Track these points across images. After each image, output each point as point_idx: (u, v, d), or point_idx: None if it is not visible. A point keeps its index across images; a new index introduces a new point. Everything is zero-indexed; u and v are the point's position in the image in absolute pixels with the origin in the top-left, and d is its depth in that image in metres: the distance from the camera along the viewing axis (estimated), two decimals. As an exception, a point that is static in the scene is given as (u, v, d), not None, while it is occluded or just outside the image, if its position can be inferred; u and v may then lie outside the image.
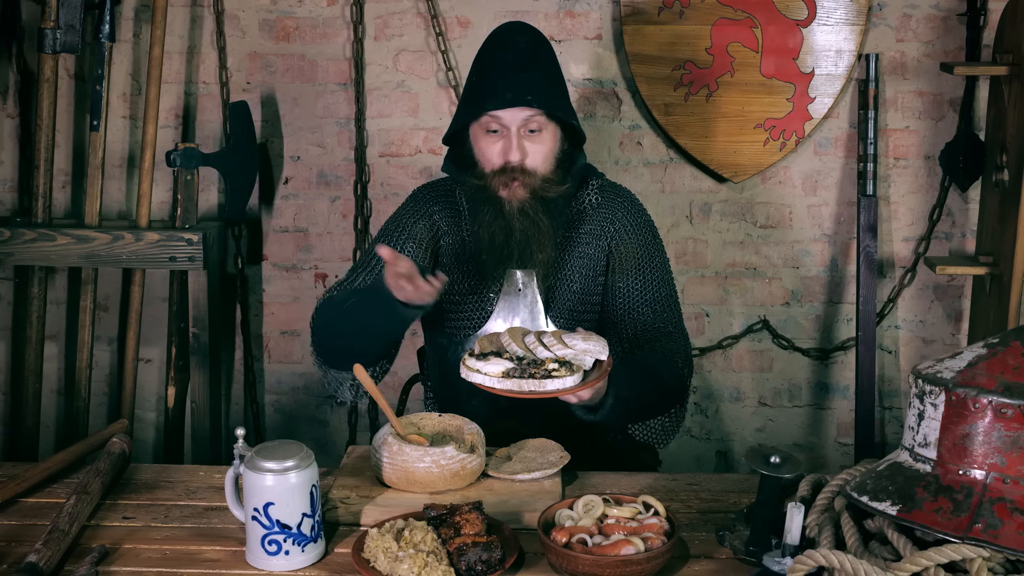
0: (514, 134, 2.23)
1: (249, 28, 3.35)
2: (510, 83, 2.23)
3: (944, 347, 3.42)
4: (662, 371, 2.28)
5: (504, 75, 2.25)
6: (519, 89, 2.22)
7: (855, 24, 3.23)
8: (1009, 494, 1.51)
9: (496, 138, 2.26)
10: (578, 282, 2.37)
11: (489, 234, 2.28)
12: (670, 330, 2.37)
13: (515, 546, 1.78)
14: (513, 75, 2.24)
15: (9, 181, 3.43)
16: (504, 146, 2.25)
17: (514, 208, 2.26)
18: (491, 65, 2.29)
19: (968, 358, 1.60)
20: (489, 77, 2.27)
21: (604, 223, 2.39)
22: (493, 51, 2.32)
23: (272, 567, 1.78)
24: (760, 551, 1.73)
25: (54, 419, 3.51)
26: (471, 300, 2.37)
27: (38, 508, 2.00)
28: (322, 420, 3.54)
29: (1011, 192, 2.98)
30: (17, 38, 3.33)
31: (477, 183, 2.29)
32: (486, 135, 2.26)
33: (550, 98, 2.25)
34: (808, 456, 3.49)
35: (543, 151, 2.26)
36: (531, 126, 2.24)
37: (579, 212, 2.39)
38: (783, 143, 3.29)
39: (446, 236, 2.40)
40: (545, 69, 2.30)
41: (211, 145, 3.40)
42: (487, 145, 2.27)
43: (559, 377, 1.93)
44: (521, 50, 2.29)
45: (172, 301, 3.32)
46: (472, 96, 2.29)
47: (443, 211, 2.42)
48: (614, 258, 2.38)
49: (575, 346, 1.99)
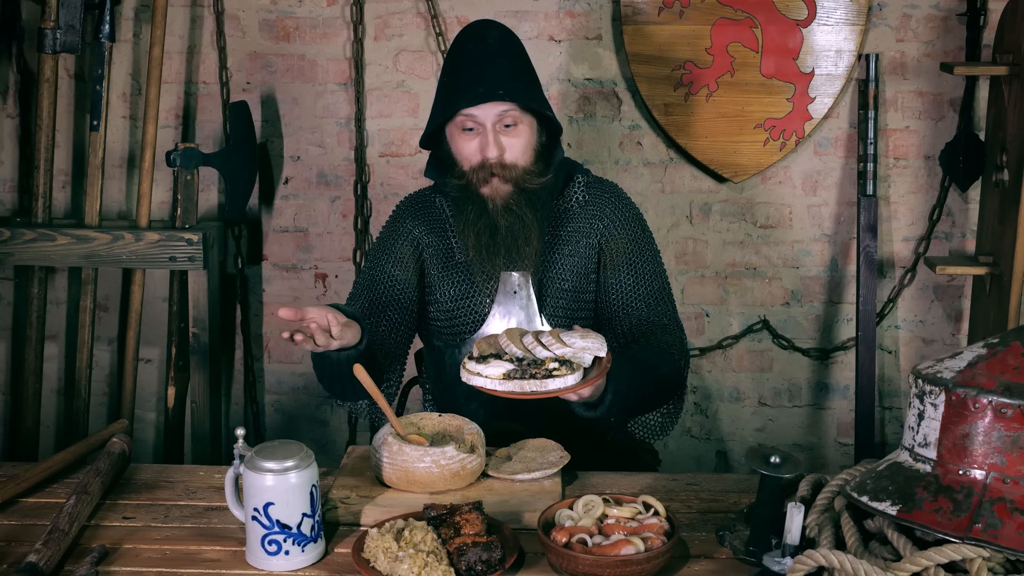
0: (490, 130, 2.23)
1: (249, 28, 3.35)
2: (480, 79, 2.22)
3: (944, 347, 3.42)
4: (659, 364, 2.27)
5: (473, 71, 2.24)
6: (490, 84, 2.21)
7: (855, 24, 3.23)
8: (1009, 494, 1.51)
9: (472, 136, 2.25)
10: (570, 280, 2.36)
11: (475, 233, 2.28)
12: (665, 322, 2.37)
13: (515, 546, 1.78)
14: (483, 70, 2.24)
15: (9, 181, 3.43)
16: (481, 143, 2.24)
17: (498, 205, 2.26)
18: (459, 62, 2.29)
19: (968, 358, 1.60)
20: (459, 75, 2.27)
21: (592, 220, 2.38)
22: (461, 49, 2.31)
23: (272, 567, 1.78)
24: (760, 551, 1.73)
25: (54, 419, 3.51)
26: (464, 305, 2.36)
27: (38, 508, 2.00)
28: (322, 420, 3.54)
29: (1011, 192, 2.98)
30: (17, 38, 3.33)
31: (458, 183, 2.29)
32: (462, 133, 2.26)
33: (522, 91, 2.24)
34: (808, 456, 3.49)
35: (521, 144, 2.26)
36: (506, 120, 2.23)
37: (566, 210, 2.38)
38: (783, 143, 3.29)
39: (429, 248, 2.40)
40: (514, 61, 2.28)
41: (211, 145, 3.40)
42: (464, 143, 2.26)
43: (560, 376, 1.93)
44: (489, 45, 2.27)
45: (172, 301, 3.32)
46: (444, 96, 2.29)
47: (424, 223, 2.41)
48: (605, 254, 2.38)
49: (574, 344, 1.99)
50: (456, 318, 2.37)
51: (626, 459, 2.45)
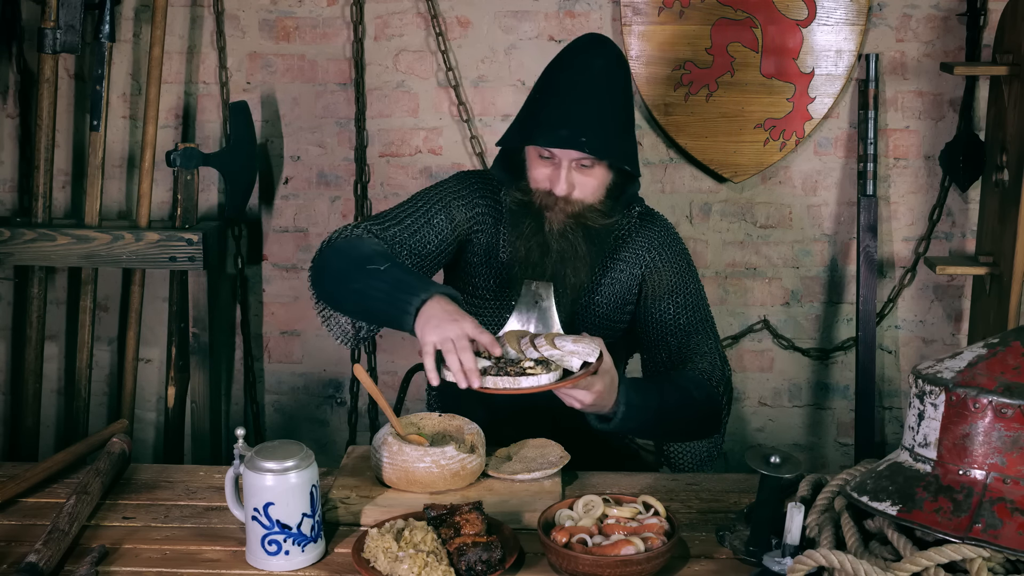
0: (564, 166, 2.17)
1: (249, 28, 3.35)
2: (566, 118, 2.14)
3: (944, 347, 3.42)
4: (689, 387, 2.24)
5: (564, 106, 2.16)
6: (574, 127, 2.13)
7: (855, 24, 3.23)
8: (1009, 494, 1.51)
9: (547, 163, 2.20)
10: (604, 306, 2.34)
11: (526, 248, 2.22)
12: (704, 351, 2.33)
13: (515, 546, 1.78)
14: (572, 108, 2.15)
15: (9, 181, 3.43)
16: (553, 176, 2.19)
17: (554, 228, 2.20)
18: (555, 87, 2.20)
19: (968, 358, 1.60)
20: (548, 103, 2.19)
21: (640, 251, 2.34)
22: (562, 71, 2.21)
23: (272, 567, 1.78)
24: (760, 551, 1.73)
25: (54, 419, 3.51)
26: (491, 305, 2.33)
27: (38, 508, 2.00)
28: (322, 420, 3.54)
29: (1011, 192, 2.98)
30: (17, 38, 3.33)
31: (522, 198, 2.24)
32: (538, 158, 2.21)
33: (604, 141, 2.15)
34: (808, 456, 3.49)
35: (592, 184, 2.20)
36: (584, 161, 2.18)
37: (616, 238, 2.34)
38: (783, 143, 3.29)
39: (481, 233, 2.33)
40: (609, 102, 2.19)
41: (211, 145, 3.40)
42: (538, 168, 2.21)
43: (534, 375, 1.93)
44: (592, 76, 2.18)
45: (172, 301, 3.32)
46: (527, 118, 2.23)
47: (486, 206, 2.33)
48: (647, 286, 2.34)
49: (563, 347, 1.99)
50: (480, 313, 2.32)
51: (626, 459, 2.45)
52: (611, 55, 2.22)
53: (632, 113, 2.28)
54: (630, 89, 2.25)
